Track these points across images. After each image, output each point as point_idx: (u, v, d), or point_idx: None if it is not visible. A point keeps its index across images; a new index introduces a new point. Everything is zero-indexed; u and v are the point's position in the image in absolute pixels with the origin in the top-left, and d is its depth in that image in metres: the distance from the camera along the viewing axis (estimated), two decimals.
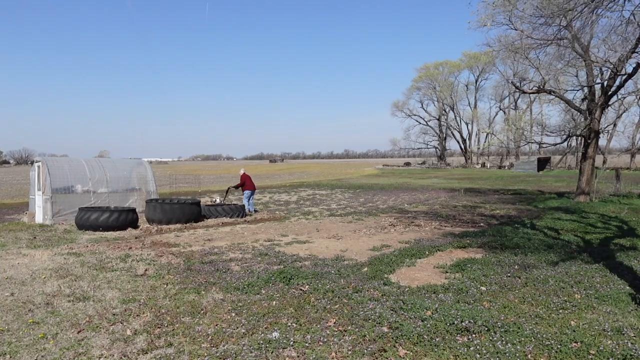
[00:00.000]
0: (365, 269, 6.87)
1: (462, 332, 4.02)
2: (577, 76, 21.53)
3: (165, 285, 6.03)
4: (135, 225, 12.61)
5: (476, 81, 71.39)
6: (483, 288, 5.65)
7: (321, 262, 7.49)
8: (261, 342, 3.98)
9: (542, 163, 54.16)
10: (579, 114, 20.40)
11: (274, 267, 7.18)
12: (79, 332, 4.46)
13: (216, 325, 4.48)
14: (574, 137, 43.83)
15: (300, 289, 5.59)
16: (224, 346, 3.96)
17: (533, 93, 19.99)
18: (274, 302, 5.13)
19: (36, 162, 14.60)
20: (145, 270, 6.90)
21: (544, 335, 3.93)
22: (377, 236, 11.08)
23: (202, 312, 4.91)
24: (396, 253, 8.18)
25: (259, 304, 5.08)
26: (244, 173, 16.64)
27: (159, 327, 4.48)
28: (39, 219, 14.03)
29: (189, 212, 13.55)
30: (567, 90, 18.74)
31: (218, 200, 16.48)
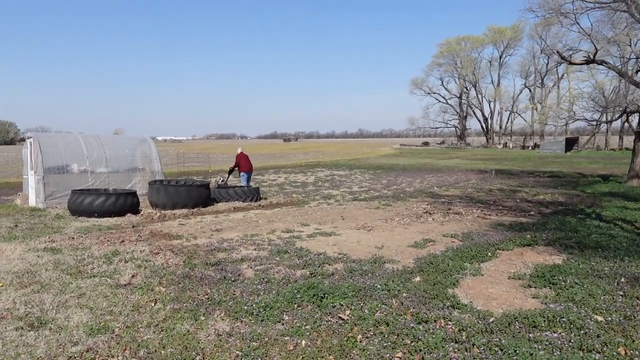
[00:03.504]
0: (417, 278, 5.20)
1: None
2: (630, 45, 19.15)
3: (152, 304, 4.45)
4: (135, 211, 11.11)
5: (500, 57, 68.00)
6: (599, 318, 3.95)
7: (357, 267, 5.84)
8: None
9: (569, 143, 51.43)
10: (613, 91, 18.23)
11: (298, 273, 5.56)
12: None
13: None
14: (605, 117, 41.03)
15: (339, 317, 3.95)
16: None
17: (581, 64, 17.76)
18: (303, 342, 3.50)
19: (28, 138, 13.13)
20: (132, 276, 5.34)
21: None
22: (414, 227, 9.40)
23: (197, 358, 3.31)
24: (449, 254, 6.48)
25: (280, 346, 3.46)
26: (241, 152, 14.91)
27: None
28: (32, 201, 12.64)
29: (197, 195, 12.00)
30: (628, 60, 16.49)
31: (219, 181, 14.89)
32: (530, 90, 65.16)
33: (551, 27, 19.42)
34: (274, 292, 4.69)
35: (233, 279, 5.21)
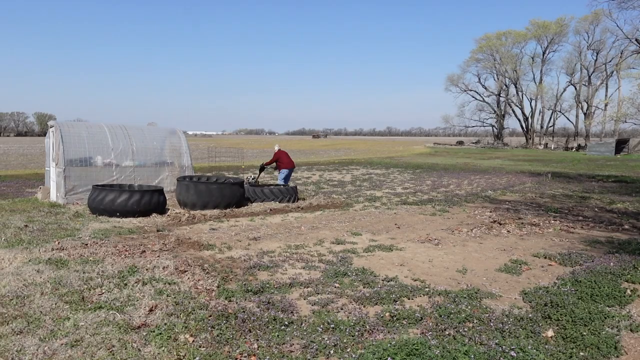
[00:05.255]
0: (550, 332, 3.62)
1: None
2: None
3: None
4: (161, 210, 9.84)
5: (543, 53, 64.36)
6: None
7: (451, 306, 4.28)
8: None
9: (618, 145, 47.88)
10: None
11: (371, 313, 4.07)
12: None
13: None
14: None
15: None
16: None
17: None
18: None
19: (50, 127, 12.08)
20: (150, 311, 3.94)
21: None
22: (490, 241, 7.76)
23: None
24: (569, 289, 4.83)
25: None
26: (280, 149, 13.53)
27: None
28: (52, 196, 11.59)
29: (230, 194, 10.65)
30: None
31: (249, 179, 13.45)
32: (575, 88, 61.50)
33: (629, 12, 17.23)
34: (349, 351, 3.18)
35: (286, 322, 3.74)
